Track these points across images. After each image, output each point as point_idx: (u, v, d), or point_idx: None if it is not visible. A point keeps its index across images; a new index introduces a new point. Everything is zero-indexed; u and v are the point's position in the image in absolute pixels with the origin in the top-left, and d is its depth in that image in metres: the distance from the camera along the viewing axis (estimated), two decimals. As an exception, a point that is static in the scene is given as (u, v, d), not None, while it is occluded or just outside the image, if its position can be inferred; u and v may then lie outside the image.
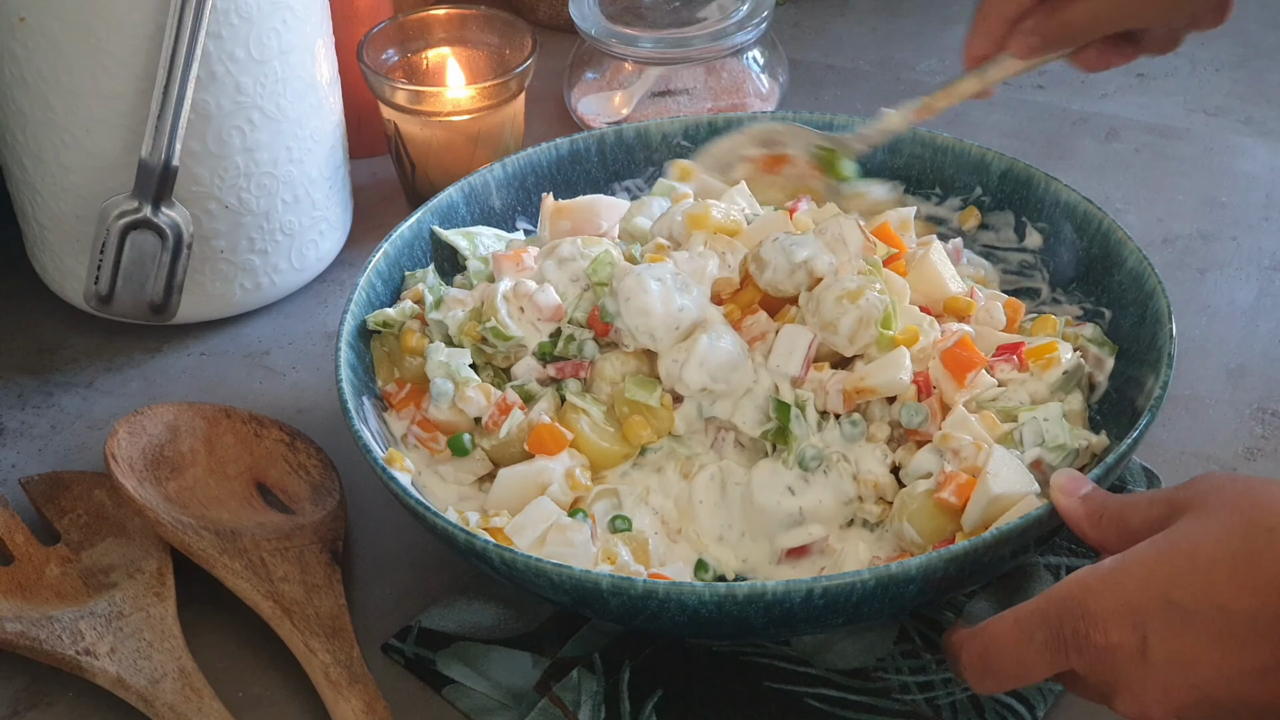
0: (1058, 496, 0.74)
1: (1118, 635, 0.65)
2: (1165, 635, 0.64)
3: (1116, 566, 0.66)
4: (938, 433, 0.82)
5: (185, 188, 0.97)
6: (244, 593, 0.83)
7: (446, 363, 0.87)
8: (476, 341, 0.89)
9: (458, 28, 1.13)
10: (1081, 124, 1.22)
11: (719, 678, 0.81)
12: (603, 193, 1.01)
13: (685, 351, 0.84)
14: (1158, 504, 0.69)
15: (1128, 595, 0.65)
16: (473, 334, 0.89)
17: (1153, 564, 0.65)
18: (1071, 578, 0.68)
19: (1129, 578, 0.65)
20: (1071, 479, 0.74)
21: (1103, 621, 0.65)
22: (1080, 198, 0.93)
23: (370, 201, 1.14)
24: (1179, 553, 0.65)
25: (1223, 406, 0.97)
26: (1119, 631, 0.65)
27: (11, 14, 0.93)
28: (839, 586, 0.72)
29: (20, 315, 1.07)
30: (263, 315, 1.06)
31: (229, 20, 0.94)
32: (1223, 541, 0.64)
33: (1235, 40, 1.31)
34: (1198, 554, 0.64)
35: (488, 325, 0.88)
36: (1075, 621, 0.66)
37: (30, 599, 0.84)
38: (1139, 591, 0.65)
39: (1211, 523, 0.65)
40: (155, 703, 0.79)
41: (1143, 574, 0.65)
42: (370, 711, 0.78)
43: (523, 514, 0.82)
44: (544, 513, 0.82)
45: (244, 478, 0.91)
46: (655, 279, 0.85)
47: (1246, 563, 0.63)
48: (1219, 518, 0.65)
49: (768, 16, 1.16)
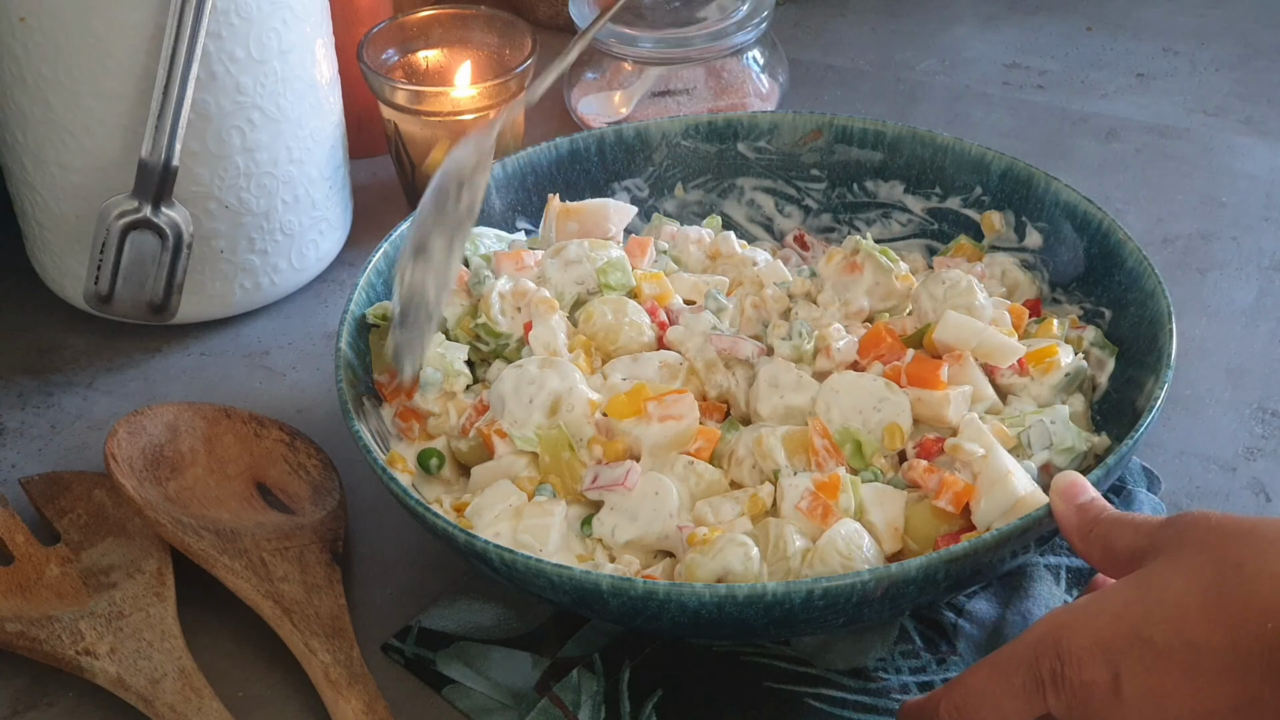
0: (1056, 500, 0.74)
1: (1091, 673, 0.65)
2: (1138, 672, 0.64)
3: (1090, 604, 0.66)
4: (950, 441, 0.82)
5: (185, 188, 0.97)
6: (244, 593, 0.83)
7: (443, 354, 0.88)
8: (471, 338, 0.90)
9: (458, 28, 1.13)
10: (1081, 124, 1.22)
11: (719, 678, 0.80)
12: (603, 193, 1.02)
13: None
14: (1142, 534, 0.69)
15: (1101, 632, 0.65)
16: (467, 329, 0.90)
17: (1125, 601, 0.65)
18: (1047, 617, 0.67)
19: (1102, 615, 0.65)
20: (1072, 484, 0.74)
21: (1077, 659, 0.65)
22: (1080, 198, 0.93)
23: (370, 201, 1.14)
24: (1150, 590, 0.65)
25: (1223, 406, 0.97)
26: (1093, 669, 0.65)
27: (11, 14, 0.93)
28: (839, 587, 0.72)
29: (20, 315, 1.07)
30: (263, 315, 1.06)
31: (229, 20, 0.94)
32: (1193, 578, 0.64)
33: (1235, 40, 1.31)
34: (1168, 591, 0.64)
35: (479, 321, 0.89)
36: (1051, 660, 0.66)
37: (30, 599, 0.84)
38: (1111, 628, 0.65)
39: (1184, 561, 0.65)
40: (155, 703, 0.79)
41: (1116, 611, 0.65)
42: (370, 711, 0.78)
43: (482, 496, 0.82)
44: (503, 493, 0.82)
45: (244, 478, 0.91)
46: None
47: (1216, 599, 0.63)
48: (1190, 555, 0.65)
49: (768, 16, 1.16)
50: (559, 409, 0.84)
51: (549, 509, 0.81)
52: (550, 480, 0.83)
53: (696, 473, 0.82)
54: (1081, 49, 1.31)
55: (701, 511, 0.81)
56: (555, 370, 0.85)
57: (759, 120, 1.02)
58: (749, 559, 0.77)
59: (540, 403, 0.84)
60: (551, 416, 0.84)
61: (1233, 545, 0.64)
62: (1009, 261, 0.95)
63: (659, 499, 0.81)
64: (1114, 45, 1.31)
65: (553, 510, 0.81)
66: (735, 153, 1.03)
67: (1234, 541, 0.64)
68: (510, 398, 0.85)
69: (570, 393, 0.84)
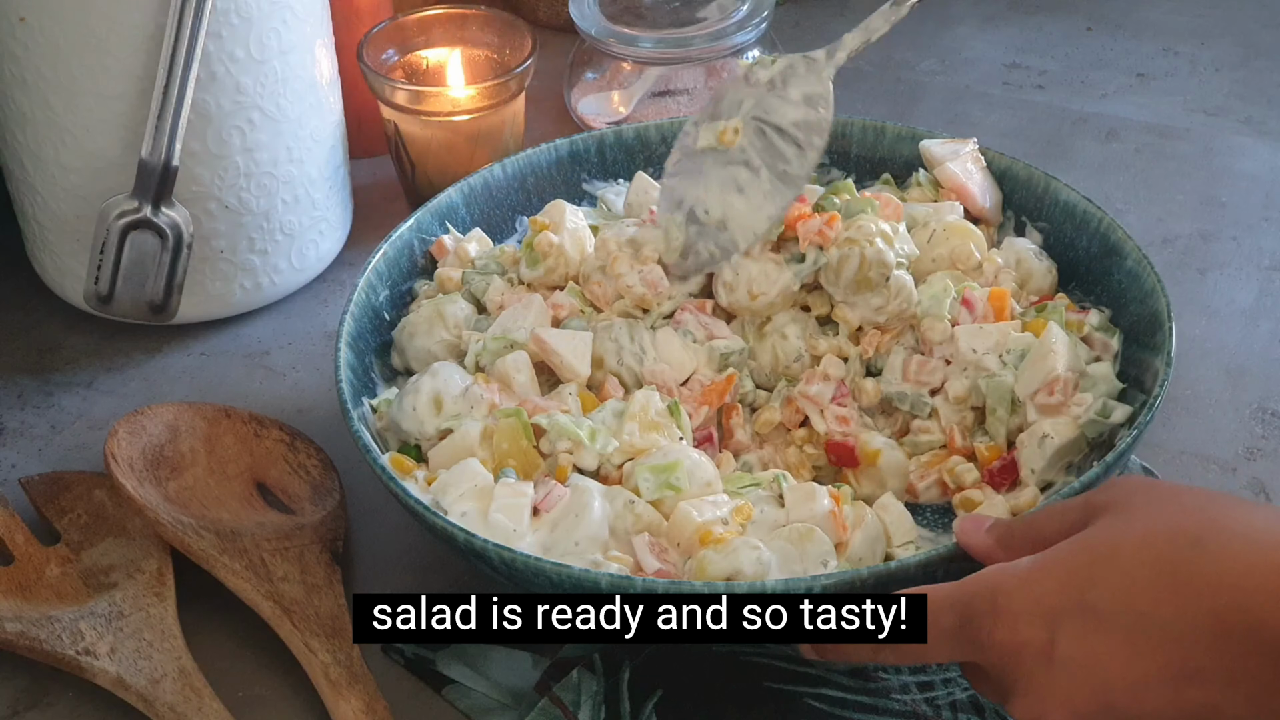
0: (963, 539, 0.73)
1: (1026, 633, 0.64)
2: (1075, 637, 0.63)
3: (1033, 566, 0.65)
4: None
5: (185, 188, 0.97)
6: (244, 593, 0.83)
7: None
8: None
9: (458, 28, 1.13)
10: (1081, 124, 1.22)
11: (719, 678, 0.81)
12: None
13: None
14: (1072, 509, 0.68)
15: (1043, 596, 0.64)
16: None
17: (1071, 566, 0.64)
18: (985, 573, 0.67)
19: (1046, 578, 0.65)
20: (972, 520, 0.73)
21: (1011, 620, 0.64)
22: (1080, 197, 0.93)
23: (370, 201, 1.14)
24: (1098, 555, 0.64)
25: (1223, 406, 0.97)
26: (1028, 629, 0.64)
27: (11, 14, 0.93)
28: (838, 586, 0.72)
29: (20, 315, 1.07)
30: (263, 315, 1.06)
31: (229, 20, 0.94)
32: (1145, 547, 0.63)
33: (1235, 40, 1.31)
34: (1118, 557, 0.63)
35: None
36: (982, 618, 0.65)
37: (30, 599, 0.84)
38: (1055, 593, 0.64)
39: (1134, 525, 0.64)
40: (155, 703, 0.79)
41: (1061, 575, 0.64)
42: (370, 711, 0.78)
43: (449, 472, 0.82)
44: (470, 472, 0.81)
45: (244, 478, 0.91)
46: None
47: (1170, 571, 0.62)
48: (1141, 520, 0.64)
49: (768, 16, 1.16)
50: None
51: (521, 490, 0.80)
52: (509, 464, 0.83)
53: (635, 513, 0.81)
54: (1081, 49, 1.31)
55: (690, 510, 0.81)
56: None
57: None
58: (760, 562, 0.77)
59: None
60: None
61: (1189, 519, 0.63)
62: (1025, 250, 0.94)
63: (578, 520, 0.80)
64: (1114, 45, 1.31)
65: (524, 491, 0.80)
66: (735, 153, 1.03)
67: (1191, 516, 0.63)
68: None
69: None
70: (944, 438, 0.87)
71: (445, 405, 0.85)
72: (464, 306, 0.92)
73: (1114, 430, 0.83)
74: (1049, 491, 0.83)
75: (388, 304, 0.93)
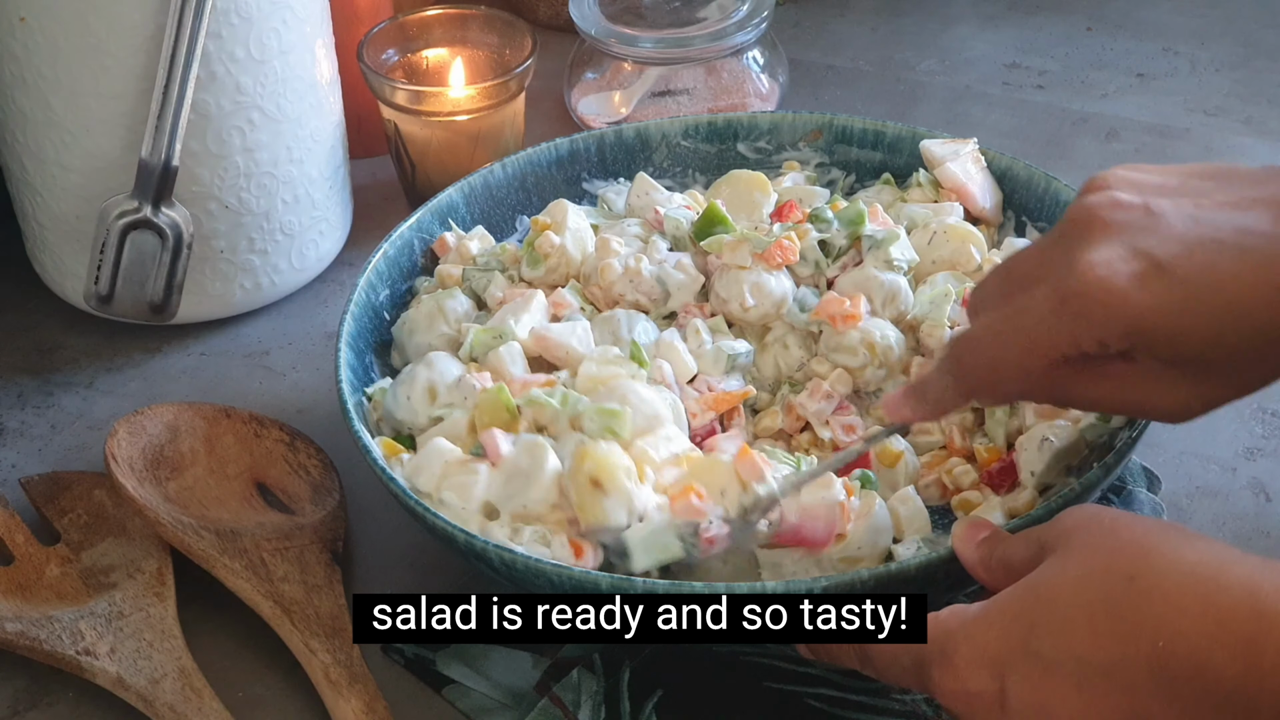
0: (957, 545, 0.72)
1: (976, 684, 0.63)
2: (1025, 685, 0.62)
3: (979, 614, 0.65)
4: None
5: (185, 188, 0.97)
6: (244, 593, 0.83)
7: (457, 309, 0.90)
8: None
9: (458, 28, 1.13)
10: (1081, 124, 1.22)
11: (719, 678, 0.81)
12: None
13: None
14: (1030, 544, 0.67)
15: (987, 645, 0.63)
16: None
17: (1014, 612, 0.64)
18: (940, 616, 0.66)
19: (990, 628, 0.64)
20: (970, 526, 0.72)
21: (956, 671, 0.64)
22: (1080, 198, 0.93)
23: (370, 201, 1.15)
24: (1039, 600, 0.63)
25: (1223, 406, 0.97)
26: (978, 680, 0.63)
27: (11, 14, 0.93)
28: (839, 587, 0.72)
29: (20, 315, 1.07)
30: (263, 315, 1.06)
31: (229, 20, 0.94)
32: (1081, 589, 0.62)
33: (1235, 40, 1.31)
34: (1056, 602, 0.63)
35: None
36: (931, 666, 0.65)
37: (30, 599, 0.84)
38: (999, 641, 0.63)
39: (1071, 567, 0.63)
40: (155, 703, 0.79)
41: (1004, 623, 0.64)
42: (370, 711, 0.78)
43: (420, 454, 0.81)
44: (439, 451, 0.81)
45: (244, 478, 0.91)
46: None
47: (1105, 612, 0.61)
48: (1078, 561, 0.63)
49: (768, 16, 1.16)
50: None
51: (474, 468, 0.79)
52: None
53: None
54: (1081, 49, 1.31)
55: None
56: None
57: (759, 120, 1.03)
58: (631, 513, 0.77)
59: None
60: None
61: (1124, 556, 0.62)
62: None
63: (529, 481, 0.79)
64: (1114, 45, 1.31)
65: (477, 470, 0.79)
66: (735, 153, 1.03)
67: (1125, 551, 0.62)
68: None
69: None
70: (943, 439, 0.87)
71: (440, 395, 0.85)
72: (464, 302, 0.92)
73: (1114, 432, 0.83)
74: (1048, 494, 0.82)
75: (388, 304, 0.93)
